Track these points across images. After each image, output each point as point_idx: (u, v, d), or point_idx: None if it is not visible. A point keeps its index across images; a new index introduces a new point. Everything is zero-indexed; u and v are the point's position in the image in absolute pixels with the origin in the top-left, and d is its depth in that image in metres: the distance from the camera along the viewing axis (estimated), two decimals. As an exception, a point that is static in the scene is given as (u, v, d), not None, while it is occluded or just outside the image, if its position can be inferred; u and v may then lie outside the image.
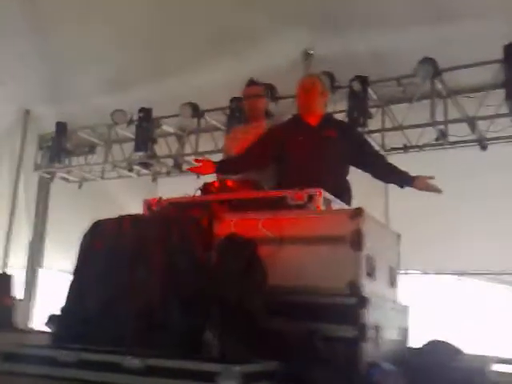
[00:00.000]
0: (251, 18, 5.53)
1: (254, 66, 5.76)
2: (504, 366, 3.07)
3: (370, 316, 2.18)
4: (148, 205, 2.88)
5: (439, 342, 2.92)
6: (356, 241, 2.23)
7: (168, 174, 7.31)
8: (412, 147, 6.01)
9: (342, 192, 3.07)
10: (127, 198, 7.21)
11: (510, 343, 5.01)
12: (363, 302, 2.16)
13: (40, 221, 7.73)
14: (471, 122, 5.43)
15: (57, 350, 2.10)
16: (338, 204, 2.62)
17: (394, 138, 6.11)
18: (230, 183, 2.80)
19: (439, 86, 5.54)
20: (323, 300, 2.22)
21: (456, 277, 5.93)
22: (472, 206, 5.77)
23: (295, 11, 5.48)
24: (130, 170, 7.24)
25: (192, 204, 2.73)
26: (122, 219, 2.68)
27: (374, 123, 5.99)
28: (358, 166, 3.47)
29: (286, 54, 6.02)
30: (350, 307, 2.16)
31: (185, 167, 7.12)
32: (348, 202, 3.05)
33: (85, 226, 2.68)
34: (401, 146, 6.06)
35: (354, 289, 2.20)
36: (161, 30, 5.84)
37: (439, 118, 5.64)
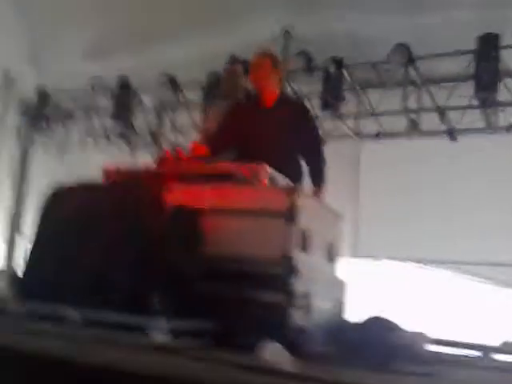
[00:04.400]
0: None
1: (233, 41, 5.83)
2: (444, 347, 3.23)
3: (300, 285, 2.33)
4: (106, 173, 2.97)
5: (378, 317, 3.07)
6: (290, 215, 2.36)
7: (146, 146, 7.37)
8: (384, 134, 6.09)
9: (292, 169, 3.17)
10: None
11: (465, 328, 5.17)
12: (292, 271, 2.31)
13: (21, 188, 7.78)
14: (441, 111, 5.52)
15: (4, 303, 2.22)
16: (283, 181, 2.74)
17: (368, 124, 6.21)
18: (182, 155, 2.91)
19: (413, 73, 5.63)
20: (258, 269, 2.35)
21: (419, 264, 6.06)
22: (436, 196, 5.87)
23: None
24: (108, 139, 7.29)
25: (146, 174, 2.84)
26: (79, 187, 2.80)
27: (348, 107, 6.09)
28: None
29: (265, 32, 6.03)
30: (281, 276, 2.30)
31: (162, 142, 7.21)
32: (298, 179, 3.17)
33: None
34: (374, 132, 6.16)
35: (286, 259, 2.34)
36: (143, 2, 5.89)
37: (412, 105, 5.75)
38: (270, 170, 2.64)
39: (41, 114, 7.38)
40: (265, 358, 1.63)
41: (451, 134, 5.75)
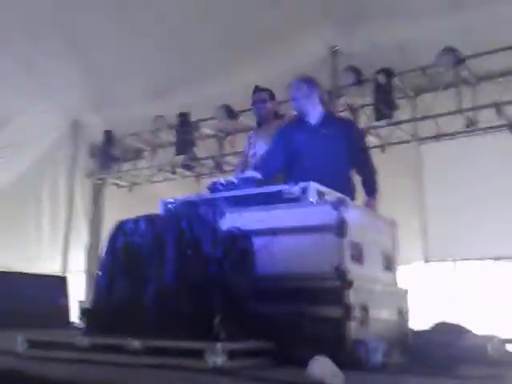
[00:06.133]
0: (278, 17, 5.73)
1: (284, 64, 5.97)
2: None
3: (356, 297, 2.37)
4: (164, 204, 3.15)
5: (444, 322, 3.05)
6: (340, 229, 2.42)
7: (210, 174, 7.60)
8: (443, 135, 6.04)
9: (343, 184, 3.24)
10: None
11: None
12: (347, 284, 2.36)
13: (95, 225, 8.21)
14: (498, 106, 5.43)
15: (73, 336, 2.40)
16: (332, 195, 2.80)
17: (425, 128, 6.18)
18: (235, 181, 3.05)
19: (465, 73, 5.57)
20: (312, 284, 2.43)
21: (495, 262, 5.91)
22: (507, 191, 5.72)
23: (320, 9, 5.64)
24: (174, 172, 7.59)
25: (201, 202, 2.99)
26: (140, 219, 2.97)
27: (405, 113, 6.09)
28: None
29: (314, 52, 6.18)
30: (336, 289, 2.36)
31: (225, 167, 7.44)
32: (349, 194, 3.22)
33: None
34: (433, 134, 6.12)
35: (339, 272, 2.39)
36: (193, 36, 6.13)
37: (468, 104, 5.67)
38: (318, 186, 2.71)
39: (109, 154, 7.78)
40: (313, 374, 1.69)
41: (511, 127, 5.64)
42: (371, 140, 6.05)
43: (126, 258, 2.85)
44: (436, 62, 5.42)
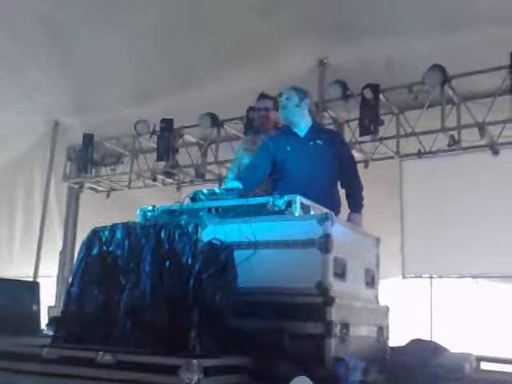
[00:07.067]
0: (267, 29, 5.69)
1: (270, 75, 5.94)
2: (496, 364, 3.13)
3: (337, 314, 2.31)
4: (143, 212, 3.06)
5: (421, 340, 3.02)
6: (323, 244, 2.37)
7: (191, 182, 7.51)
8: (426, 153, 6.06)
9: (329, 198, 3.19)
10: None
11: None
12: (329, 300, 2.30)
13: (70, 230, 8.02)
14: (481, 127, 5.46)
15: (41, 347, 2.28)
16: (317, 209, 2.74)
17: (408, 144, 6.19)
18: (217, 191, 2.97)
19: (450, 92, 5.59)
20: (294, 300, 2.37)
21: (473, 280, 5.94)
22: (487, 210, 5.75)
23: (310, 22, 5.62)
24: (154, 179, 7.47)
25: (181, 211, 2.90)
26: (116, 227, 2.87)
27: (388, 130, 6.09)
28: None
29: (301, 64, 6.15)
30: (317, 306, 2.30)
31: (207, 176, 7.36)
32: (335, 208, 3.17)
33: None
34: (415, 151, 6.13)
35: (322, 289, 2.33)
36: (180, 43, 6.07)
37: (451, 123, 5.70)
38: (303, 199, 2.65)
39: (88, 158, 7.62)
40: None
41: (493, 148, 5.68)
42: (355, 155, 6.04)
43: (100, 268, 2.74)
44: (424, 79, 5.43)
